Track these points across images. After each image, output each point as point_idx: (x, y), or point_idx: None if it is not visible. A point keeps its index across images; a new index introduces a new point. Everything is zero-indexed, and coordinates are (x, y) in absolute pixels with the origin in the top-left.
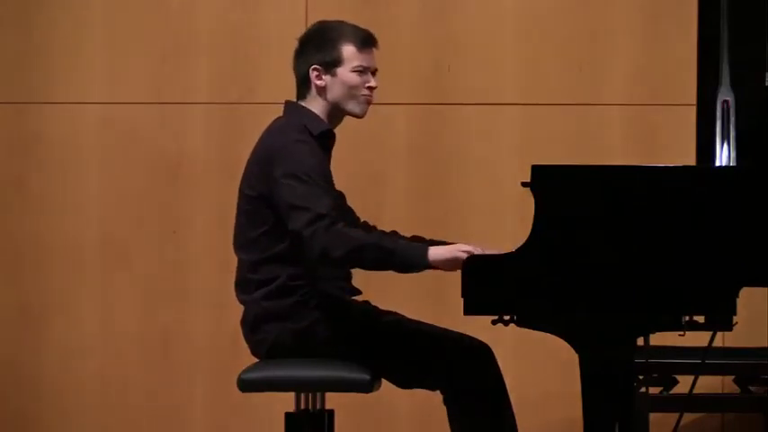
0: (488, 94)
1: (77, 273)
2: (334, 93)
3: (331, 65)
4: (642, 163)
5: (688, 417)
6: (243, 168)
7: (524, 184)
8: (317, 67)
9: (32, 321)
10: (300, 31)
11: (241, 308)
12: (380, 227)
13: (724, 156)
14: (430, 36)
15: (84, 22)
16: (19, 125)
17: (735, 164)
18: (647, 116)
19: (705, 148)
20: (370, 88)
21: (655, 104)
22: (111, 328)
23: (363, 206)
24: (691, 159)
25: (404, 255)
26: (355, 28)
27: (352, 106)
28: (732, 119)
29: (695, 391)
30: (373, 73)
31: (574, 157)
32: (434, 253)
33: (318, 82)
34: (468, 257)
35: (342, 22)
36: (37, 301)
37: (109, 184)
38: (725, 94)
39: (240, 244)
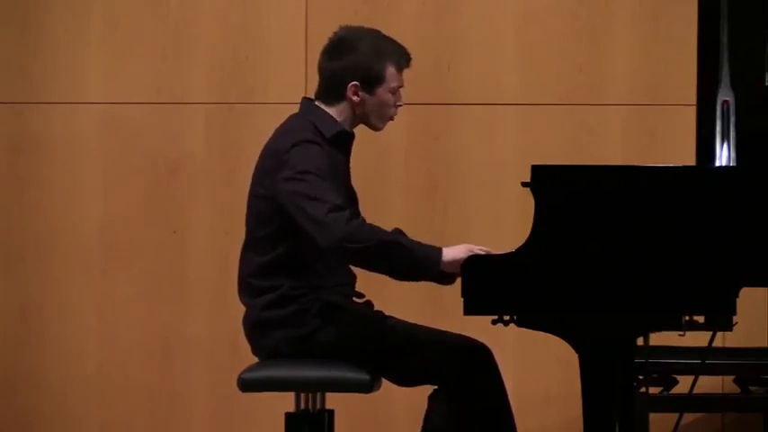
0: (488, 94)
1: (77, 273)
2: (367, 109)
3: (372, 84)
4: (642, 163)
5: (688, 417)
6: (242, 168)
7: (524, 184)
8: (356, 83)
9: (32, 321)
10: (301, 31)
11: (241, 308)
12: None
13: (724, 156)
14: (429, 36)
15: (84, 22)
16: (19, 125)
17: (735, 164)
18: (647, 116)
19: (705, 148)
20: (398, 106)
21: (655, 104)
22: (111, 328)
23: (363, 206)
24: (691, 159)
25: (421, 253)
26: (397, 46)
27: (377, 123)
28: (732, 119)
29: (695, 391)
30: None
31: (574, 157)
32: (449, 252)
33: (354, 98)
34: (467, 257)
35: (380, 34)
36: (37, 301)
37: (109, 184)
38: (725, 94)
39: (246, 242)
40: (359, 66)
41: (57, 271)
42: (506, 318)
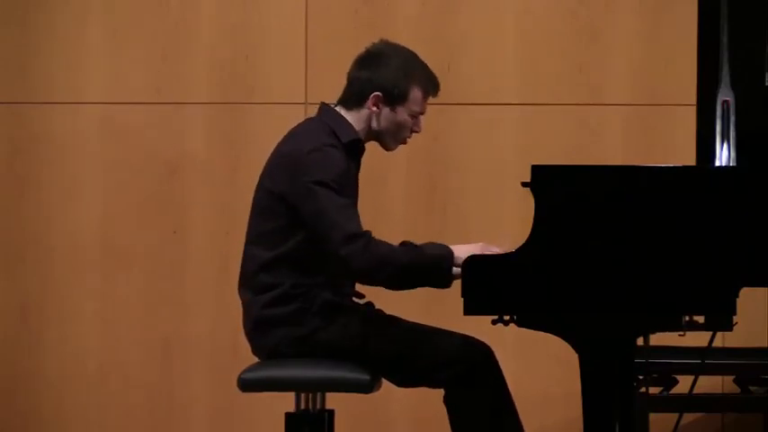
0: (488, 94)
1: (77, 273)
2: (383, 124)
3: (395, 100)
4: (642, 163)
5: (688, 417)
6: (242, 168)
7: (524, 184)
8: (379, 95)
9: (32, 321)
10: (301, 31)
11: (241, 308)
12: (380, 227)
13: (724, 156)
14: (430, 36)
15: (84, 22)
16: (19, 125)
17: (735, 164)
18: (647, 116)
19: (705, 148)
20: (414, 132)
21: (655, 104)
22: (111, 328)
23: (363, 207)
24: (691, 159)
25: (433, 262)
26: (428, 73)
27: (390, 142)
28: (732, 119)
29: (695, 391)
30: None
31: (574, 157)
32: (460, 250)
33: (374, 108)
34: (467, 257)
35: (416, 57)
36: (37, 301)
37: (109, 184)
38: (725, 94)
39: (251, 237)
40: (387, 79)
41: (57, 271)
42: (506, 318)
